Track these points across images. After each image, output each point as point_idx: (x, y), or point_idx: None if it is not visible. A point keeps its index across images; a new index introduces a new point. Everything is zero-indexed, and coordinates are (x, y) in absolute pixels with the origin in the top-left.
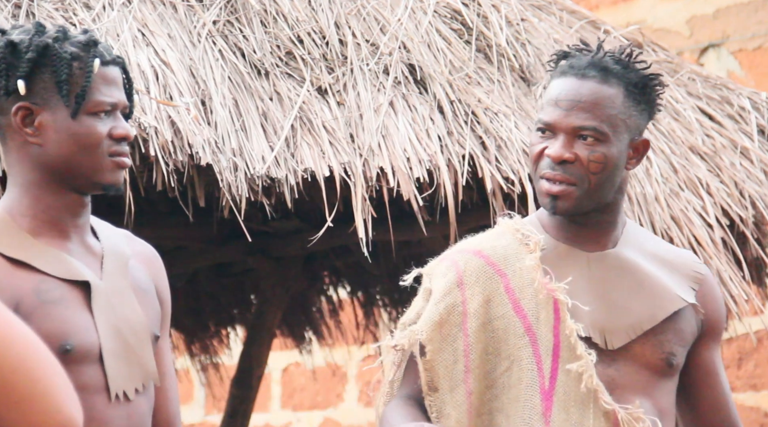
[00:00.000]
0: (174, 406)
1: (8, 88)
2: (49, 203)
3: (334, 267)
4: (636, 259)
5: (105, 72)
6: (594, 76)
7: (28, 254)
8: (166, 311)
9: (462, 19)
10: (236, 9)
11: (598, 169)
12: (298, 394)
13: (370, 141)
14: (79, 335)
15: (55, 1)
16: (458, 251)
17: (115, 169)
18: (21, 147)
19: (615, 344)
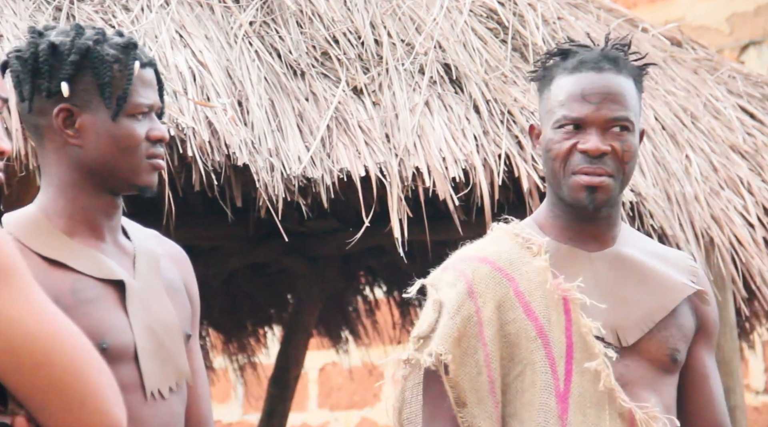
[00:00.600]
0: (206, 404)
1: (50, 90)
2: (84, 204)
3: (370, 267)
4: (636, 255)
5: (142, 74)
6: (609, 68)
7: (63, 253)
8: (196, 310)
9: (498, 18)
10: (272, 10)
11: (629, 158)
12: (335, 393)
13: (406, 141)
14: (115, 334)
15: (94, 4)
16: (462, 260)
17: (151, 171)
18: (60, 148)
19: (629, 341)
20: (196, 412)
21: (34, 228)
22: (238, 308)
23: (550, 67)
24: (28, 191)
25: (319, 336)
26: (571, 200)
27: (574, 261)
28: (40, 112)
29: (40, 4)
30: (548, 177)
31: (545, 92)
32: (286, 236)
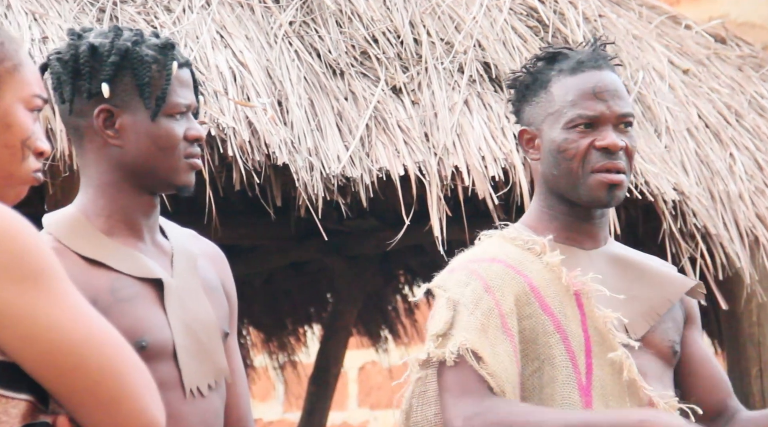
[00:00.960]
0: (245, 403)
1: (91, 91)
2: (123, 204)
3: (409, 266)
4: (629, 252)
5: (180, 74)
6: (606, 66)
7: (102, 253)
8: (233, 308)
9: (538, 15)
10: (312, 9)
11: (633, 155)
12: (375, 392)
13: (445, 140)
14: (154, 332)
15: (137, 5)
16: (471, 261)
17: (189, 171)
18: (100, 149)
19: (638, 333)
20: (236, 410)
21: (73, 228)
22: (279, 307)
23: (540, 71)
24: (71, 191)
25: (358, 335)
26: (590, 199)
27: (575, 259)
28: (80, 113)
29: (84, 6)
30: (558, 178)
31: (539, 96)
32: (326, 235)
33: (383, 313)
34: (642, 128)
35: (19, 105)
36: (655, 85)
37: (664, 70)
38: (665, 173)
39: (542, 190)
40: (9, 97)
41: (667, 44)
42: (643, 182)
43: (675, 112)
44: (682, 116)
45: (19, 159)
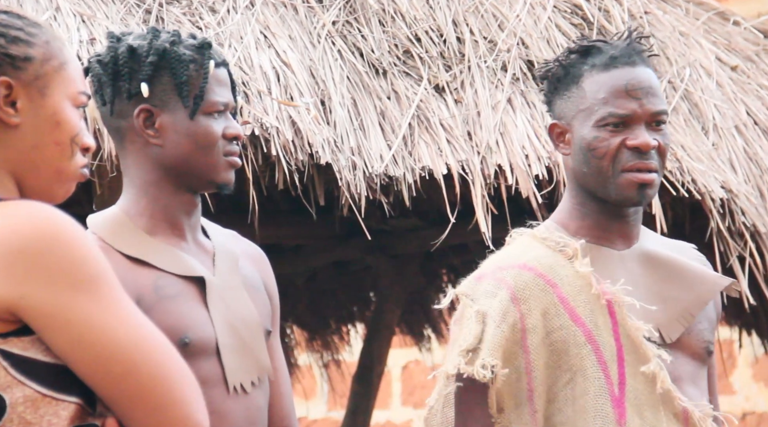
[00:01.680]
0: (288, 402)
1: (130, 92)
2: (165, 203)
3: (452, 265)
4: (661, 250)
5: (217, 73)
6: (640, 62)
7: (145, 252)
8: (276, 308)
9: (582, 13)
10: (355, 9)
11: (666, 153)
12: (419, 391)
13: (488, 138)
14: (197, 329)
15: (182, 6)
16: (500, 268)
17: (228, 169)
18: (141, 149)
19: (672, 337)
20: (279, 409)
21: (117, 228)
22: (322, 306)
23: (572, 64)
24: (119, 191)
25: (401, 334)
26: (621, 198)
27: (607, 261)
28: (121, 114)
29: (130, 8)
30: (588, 176)
31: (571, 90)
32: (369, 234)
33: (426, 312)
34: (689, 126)
35: (67, 102)
36: (702, 83)
37: (711, 67)
38: (713, 171)
39: (573, 187)
40: (57, 95)
41: (714, 41)
42: (690, 180)
43: (723, 109)
44: (730, 113)
45: (68, 156)
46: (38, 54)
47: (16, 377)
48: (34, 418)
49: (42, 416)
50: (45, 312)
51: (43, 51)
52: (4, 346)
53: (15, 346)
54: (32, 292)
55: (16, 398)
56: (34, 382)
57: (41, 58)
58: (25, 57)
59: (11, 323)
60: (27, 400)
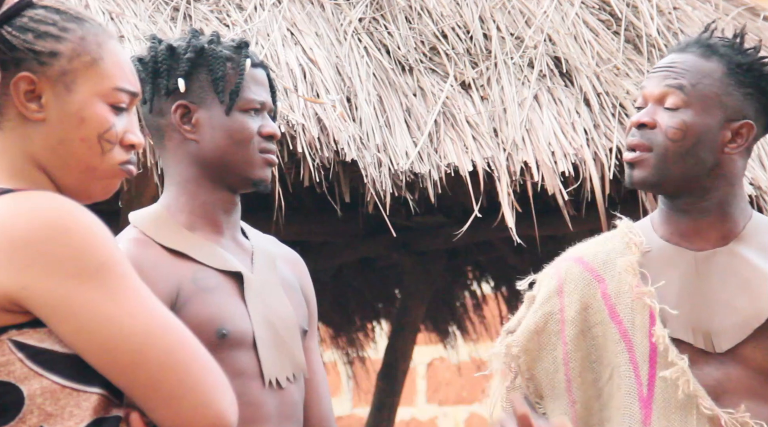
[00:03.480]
0: (326, 403)
1: (168, 88)
2: (203, 200)
3: (477, 262)
4: (750, 256)
5: (254, 73)
6: (694, 51)
7: (185, 245)
8: (313, 311)
9: (610, 9)
10: (381, 6)
11: (677, 136)
12: (444, 389)
13: (514, 135)
14: (234, 321)
15: (210, 4)
16: (564, 258)
17: (264, 166)
18: (179, 145)
19: (723, 346)
20: (318, 410)
21: (157, 222)
22: (347, 303)
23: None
24: (145, 188)
25: (426, 331)
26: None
27: (675, 261)
28: (160, 112)
29: (158, 5)
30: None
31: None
32: (394, 231)
33: (451, 309)
34: None
35: (97, 99)
36: None
37: None
38: None
39: None
40: (85, 91)
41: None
42: None
43: None
44: None
45: (97, 152)
46: (67, 50)
47: (32, 369)
48: (55, 409)
49: (63, 408)
50: (48, 302)
51: (73, 47)
52: (20, 337)
53: (31, 337)
54: (34, 282)
55: (33, 390)
56: (53, 373)
57: (70, 53)
58: (51, 52)
59: (23, 314)
60: (45, 391)
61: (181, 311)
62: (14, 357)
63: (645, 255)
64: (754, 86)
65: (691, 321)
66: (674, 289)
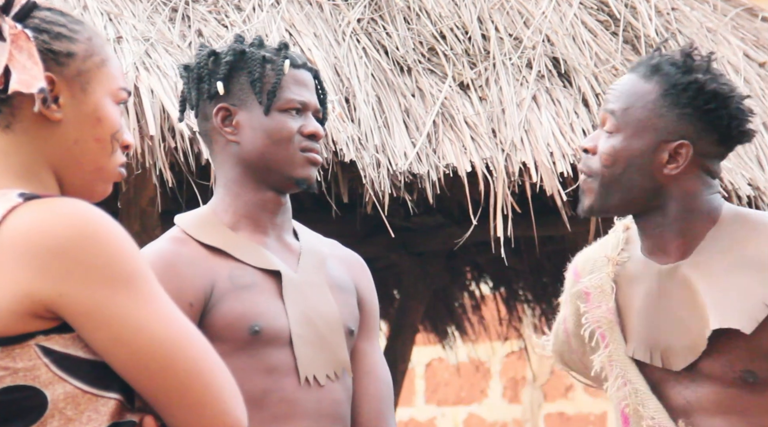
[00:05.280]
0: (381, 404)
1: (210, 92)
2: (247, 200)
3: (476, 263)
4: (708, 270)
5: (295, 73)
6: (639, 71)
7: (224, 242)
8: (368, 312)
9: (609, 10)
10: (380, 7)
11: (608, 162)
12: (442, 389)
13: (513, 136)
14: (268, 318)
15: (208, 4)
16: (570, 264)
17: (306, 165)
18: (223, 148)
19: (677, 365)
20: (368, 410)
21: (200, 222)
22: None
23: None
24: (144, 188)
25: (425, 331)
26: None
27: (643, 274)
28: (205, 116)
29: (157, 6)
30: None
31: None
32: (392, 231)
33: (450, 309)
34: None
35: (108, 98)
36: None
37: (739, 64)
38: (740, 168)
39: None
40: (98, 91)
41: (742, 37)
42: None
43: (750, 106)
44: (758, 110)
45: (108, 153)
46: (80, 50)
47: (57, 374)
48: (74, 414)
49: (82, 412)
50: (83, 310)
51: (85, 47)
52: (46, 343)
53: (56, 343)
54: (70, 290)
55: (57, 395)
56: (75, 379)
57: (83, 54)
58: (68, 53)
59: (51, 320)
60: (68, 396)
61: (215, 307)
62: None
63: (622, 266)
64: (690, 106)
65: (649, 339)
66: (637, 304)
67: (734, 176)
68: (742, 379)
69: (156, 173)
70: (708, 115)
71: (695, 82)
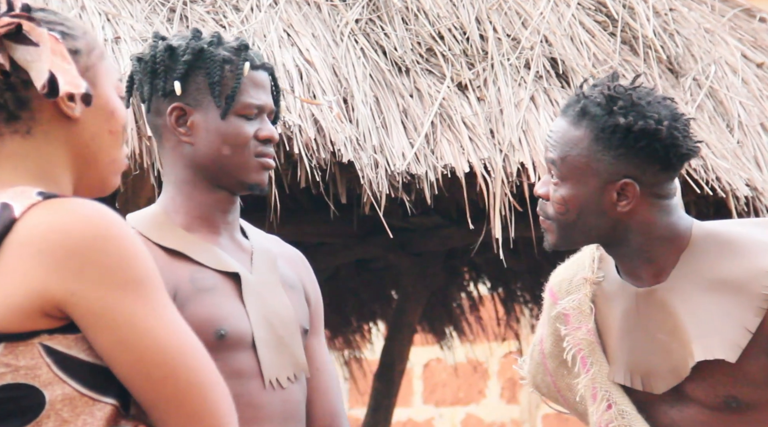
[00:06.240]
0: (334, 398)
1: (165, 89)
2: (200, 201)
3: (473, 263)
4: (685, 294)
5: (254, 76)
6: (568, 116)
7: (183, 245)
8: (315, 309)
9: (607, 10)
10: (378, 7)
11: (561, 210)
12: (440, 389)
13: (511, 136)
14: (233, 322)
15: (206, 5)
16: (547, 284)
17: (260, 170)
18: (175, 147)
19: (659, 389)
20: (322, 406)
21: (155, 223)
22: (343, 304)
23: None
24: (142, 188)
25: (423, 332)
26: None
27: (620, 297)
28: (157, 112)
29: (155, 6)
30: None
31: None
32: (390, 232)
33: (448, 310)
34: (714, 123)
35: (113, 91)
36: (727, 80)
37: (737, 65)
38: (737, 169)
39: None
40: (106, 84)
41: (740, 38)
42: (714, 178)
43: (748, 106)
44: (755, 111)
45: (119, 145)
46: (83, 46)
47: (57, 375)
48: (70, 416)
49: (78, 415)
50: (93, 310)
51: (85, 42)
52: (50, 342)
53: (60, 343)
54: (83, 289)
55: (55, 396)
56: (75, 381)
57: (86, 49)
58: (73, 50)
59: (58, 320)
60: (66, 398)
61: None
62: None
63: (598, 285)
64: (623, 147)
65: (629, 363)
66: (616, 325)
67: (732, 177)
68: (725, 405)
69: (154, 174)
70: (642, 151)
71: (619, 125)
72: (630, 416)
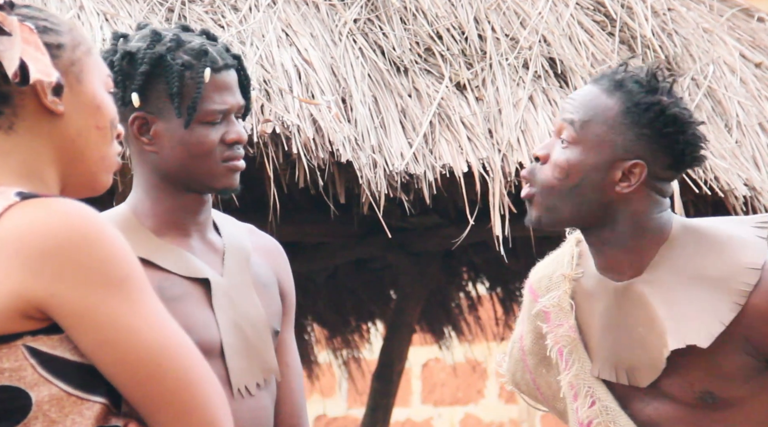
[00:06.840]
0: (297, 398)
1: (125, 99)
2: (169, 204)
3: (472, 263)
4: (663, 287)
5: (217, 80)
6: (602, 84)
7: (151, 252)
8: (289, 304)
9: (605, 10)
10: (377, 7)
11: (561, 174)
12: (439, 389)
13: (509, 136)
14: (200, 331)
15: (204, 4)
16: (527, 281)
17: (228, 174)
18: (140, 153)
19: (643, 382)
20: (287, 405)
21: (125, 227)
22: (342, 304)
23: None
24: None
25: (421, 332)
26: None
27: (599, 291)
28: (121, 117)
29: (153, 6)
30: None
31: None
32: (389, 232)
33: (446, 310)
34: (712, 123)
35: (101, 86)
36: (726, 80)
37: (735, 64)
38: (736, 168)
39: None
40: (93, 79)
41: (738, 37)
42: (713, 178)
43: (746, 106)
44: (753, 111)
45: (108, 141)
46: (68, 41)
47: (43, 376)
48: (58, 417)
49: (66, 415)
50: (75, 311)
51: (71, 38)
52: (33, 343)
53: (44, 344)
54: (63, 290)
55: (42, 397)
56: (61, 381)
57: (71, 44)
58: (58, 45)
59: (41, 321)
60: (53, 399)
61: None
62: (27, 363)
63: (578, 281)
64: (649, 127)
65: (612, 358)
66: (597, 321)
67: (730, 177)
68: (701, 399)
69: None
70: (665, 138)
71: (657, 104)
72: (614, 412)
